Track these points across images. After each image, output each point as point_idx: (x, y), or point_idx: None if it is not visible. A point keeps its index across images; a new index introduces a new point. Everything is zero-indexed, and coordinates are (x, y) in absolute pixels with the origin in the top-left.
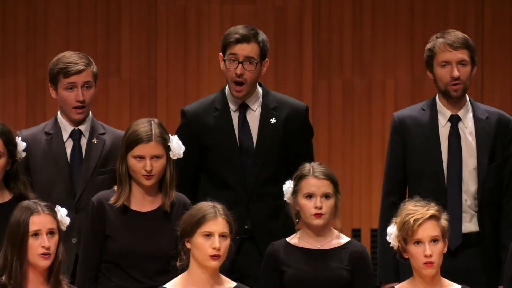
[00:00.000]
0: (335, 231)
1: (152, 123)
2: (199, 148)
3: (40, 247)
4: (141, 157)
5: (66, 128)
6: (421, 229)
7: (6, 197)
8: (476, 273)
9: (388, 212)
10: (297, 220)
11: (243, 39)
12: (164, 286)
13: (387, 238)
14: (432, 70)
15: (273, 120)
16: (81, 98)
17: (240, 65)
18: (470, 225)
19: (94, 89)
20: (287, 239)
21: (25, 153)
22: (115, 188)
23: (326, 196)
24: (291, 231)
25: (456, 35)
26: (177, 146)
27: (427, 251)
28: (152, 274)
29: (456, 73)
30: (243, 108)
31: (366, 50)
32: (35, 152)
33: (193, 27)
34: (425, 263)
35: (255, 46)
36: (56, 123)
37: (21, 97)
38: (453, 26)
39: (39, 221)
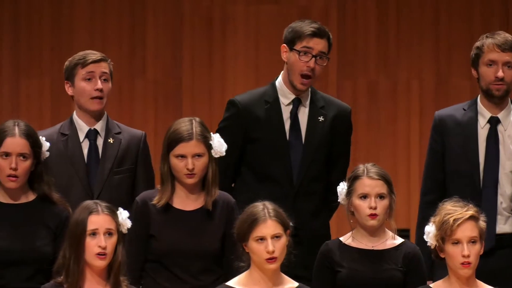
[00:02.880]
0: (389, 232)
1: (193, 121)
2: (244, 140)
3: (97, 247)
4: (182, 156)
5: (82, 129)
6: (460, 229)
7: (30, 197)
8: (508, 274)
9: (426, 210)
10: (351, 221)
11: (319, 34)
12: (227, 283)
13: (425, 237)
14: (477, 69)
15: (321, 119)
16: (100, 86)
17: (313, 59)
18: (504, 226)
19: (111, 84)
20: (341, 238)
21: (48, 153)
22: (159, 187)
23: (381, 196)
24: (329, 231)
25: (505, 37)
26: (218, 144)
27: (465, 251)
28: (196, 273)
29: (500, 74)
30: (297, 102)
31: (391, 50)
32: (51, 153)
33: (218, 27)
34: (462, 264)
35: (327, 43)
36: (71, 123)
37: (45, 97)
38: (478, 26)
39: (97, 221)
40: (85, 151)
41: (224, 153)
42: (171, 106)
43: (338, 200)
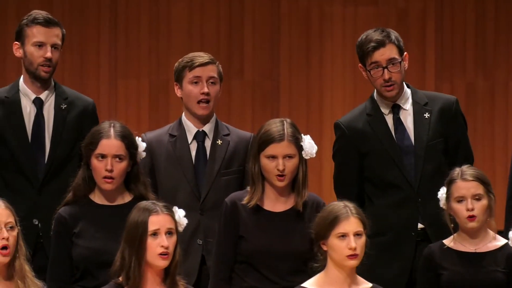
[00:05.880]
0: (491, 232)
1: (285, 122)
2: (358, 156)
3: (159, 247)
4: (273, 157)
5: (191, 130)
6: None
7: (126, 198)
8: None
9: None
10: (452, 225)
11: (379, 44)
12: (302, 285)
13: (509, 242)
14: None
15: (426, 115)
16: (206, 90)
17: (385, 70)
18: None
19: (219, 87)
20: (444, 241)
21: (145, 153)
22: (248, 188)
23: (477, 197)
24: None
25: None
26: (309, 146)
27: None
28: (285, 274)
29: None
30: (396, 108)
31: (489, 52)
32: (160, 154)
33: (315, 28)
34: None
35: (392, 47)
36: (180, 125)
37: (144, 98)
38: None
39: (158, 221)
40: (193, 153)
41: (314, 155)
42: (268, 107)
43: (440, 205)
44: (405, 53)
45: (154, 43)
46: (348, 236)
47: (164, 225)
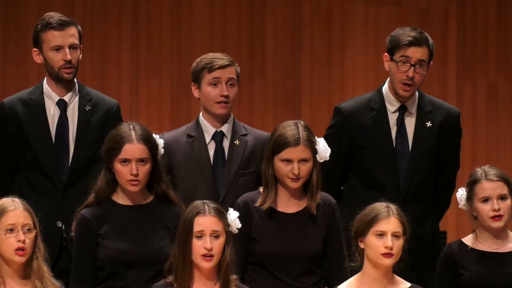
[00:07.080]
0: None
1: (299, 125)
2: (350, 146)
3: (202, 248)
4: (288, 161)
5: (208, 130)
6: None
7: (148, 198)
8: None
9: None
10: (474, 225)
11: (416, 42)
12: (338, 287)
13: None
14: None
15: (428, 124)
16: (226, 93)
17: (412, 68)
18: None
19: (237, 88)
20: (464, 240)
21: (163, 150)
22: (261, 189)
23: (502, 197)
24: (439, 234)
25: None
26: (323, 149)
27: None
28: (297, 275)
29: None
30: (402, 110)
31: (510, 51)
32: (177, 155)
33: (337, 28)
34: None
35: (426, 50)
36: (198, 125)
37: (165, 99)
38: None
39: (203, 222)
40: (211, 153)
41: (328, 158)
42: (290, 108)
43: (459, 206)
44: (431, 62)
45: (176, 43)
46: (386, 235)
47: (209, 227)
